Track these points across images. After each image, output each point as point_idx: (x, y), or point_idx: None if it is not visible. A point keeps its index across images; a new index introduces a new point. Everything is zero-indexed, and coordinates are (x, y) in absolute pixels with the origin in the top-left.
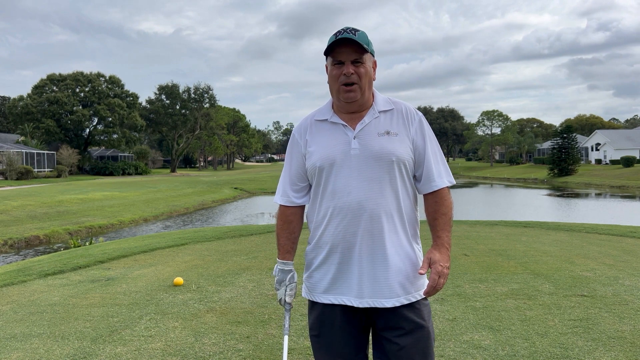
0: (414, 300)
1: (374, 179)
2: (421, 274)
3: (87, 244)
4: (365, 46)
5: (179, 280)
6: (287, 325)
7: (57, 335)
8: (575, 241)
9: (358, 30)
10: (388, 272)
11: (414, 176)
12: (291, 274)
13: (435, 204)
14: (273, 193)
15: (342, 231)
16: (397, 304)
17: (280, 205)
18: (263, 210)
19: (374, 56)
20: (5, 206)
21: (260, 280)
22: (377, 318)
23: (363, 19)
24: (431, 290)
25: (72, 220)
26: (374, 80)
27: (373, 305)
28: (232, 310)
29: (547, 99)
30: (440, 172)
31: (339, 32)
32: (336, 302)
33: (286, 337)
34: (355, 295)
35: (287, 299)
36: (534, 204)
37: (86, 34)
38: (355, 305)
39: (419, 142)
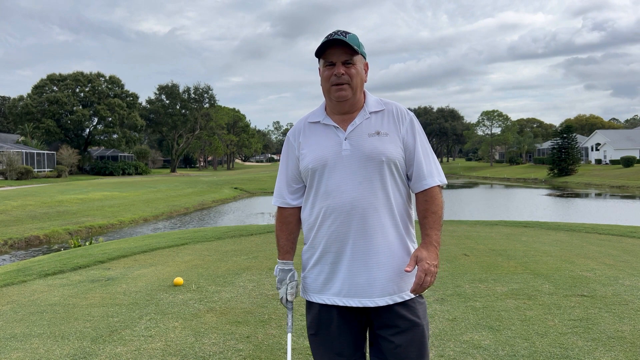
0: (407, 298)
1: (365, 178)
2: (407, 271)
3: (87, 244)
4: (355, 47)
5: (179, 280)
6: (290, 324)
7: (57, 335)
8: (575, 241)
9: (349, 33)
10: (381, 271)
11: (407, 175)
12: (291, 273)
13: (426, 203)
14: (273, 193)
15: (335, 231)
16: (391, 302)
17: (278, 207)
18: (263, 210)
19: (365, 58)
20: (5, 206)
21: (260, 280)
22: (374, 317)
23: (358, 18)
24: (417, 288)
25: (72, 220)
26: (365, 81)
27: (366, 305)
28: (232, 310)
29: (546, 99)
30: (431, 171)
31: (329, 34)
32: (329, 303)
33: (290, 335)
34: (349, 294)
35: (289, 298)
36: (534, 204)
37: (86, 34)
38: (349, 305)
39: (409, 141)
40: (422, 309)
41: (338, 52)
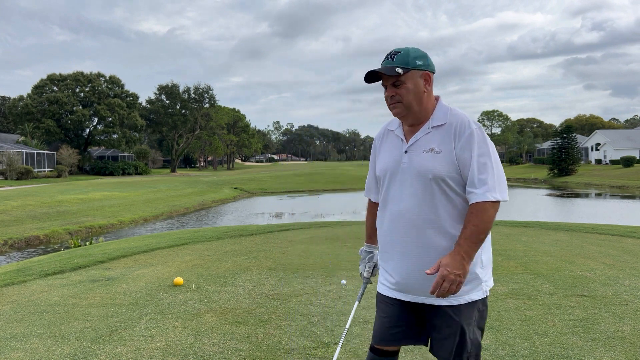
0: (456, 303)
1: (412, 193)
2: (428, 274)
3: (87, 244)
4: (399, 69)
5: (179, 280)
6: (360, 294)
7: (57, 335)
8: (575, 241)
9: (399, 52)
10: (425, 276)
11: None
12: (371, 254)
13: (470, 215)
14: (273, 193)
15: (388, 235)
16: (436, 304)
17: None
18: (263, 210)
19: (421, 69)
20: (5, 206)
21: (260, 280)
22: (428, 317)
23: (358, 18)
24: (433, 290)
25: (72, 220)
26: (425, 92)
27: (417, 301)
28: (232, 310)
29: (546, 98)
30: (484, 185)
31: (386, 57)
32: (386, 294)
33: (356, 303)
34: (403, 290)
35: (365, 274)
36: (534, 204)
37: (86, 34)
38: (402, 299)
39: (465, 156)
40: (468, 313)
41: (387, 75)
